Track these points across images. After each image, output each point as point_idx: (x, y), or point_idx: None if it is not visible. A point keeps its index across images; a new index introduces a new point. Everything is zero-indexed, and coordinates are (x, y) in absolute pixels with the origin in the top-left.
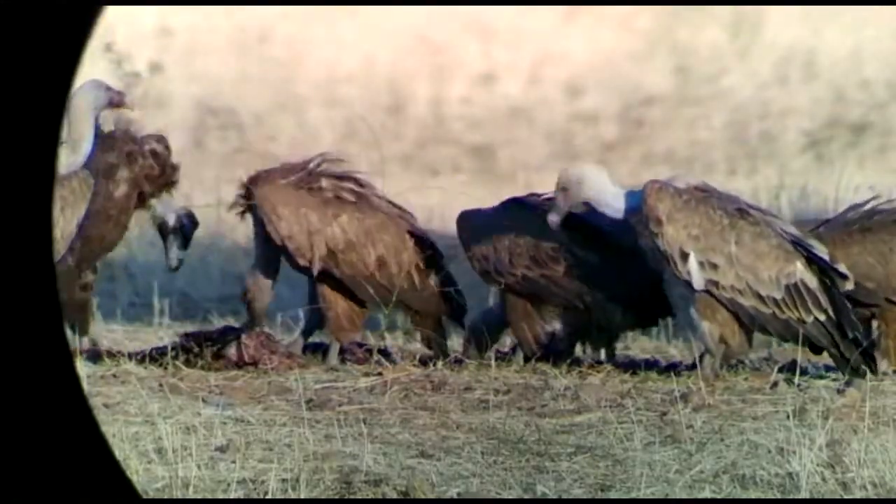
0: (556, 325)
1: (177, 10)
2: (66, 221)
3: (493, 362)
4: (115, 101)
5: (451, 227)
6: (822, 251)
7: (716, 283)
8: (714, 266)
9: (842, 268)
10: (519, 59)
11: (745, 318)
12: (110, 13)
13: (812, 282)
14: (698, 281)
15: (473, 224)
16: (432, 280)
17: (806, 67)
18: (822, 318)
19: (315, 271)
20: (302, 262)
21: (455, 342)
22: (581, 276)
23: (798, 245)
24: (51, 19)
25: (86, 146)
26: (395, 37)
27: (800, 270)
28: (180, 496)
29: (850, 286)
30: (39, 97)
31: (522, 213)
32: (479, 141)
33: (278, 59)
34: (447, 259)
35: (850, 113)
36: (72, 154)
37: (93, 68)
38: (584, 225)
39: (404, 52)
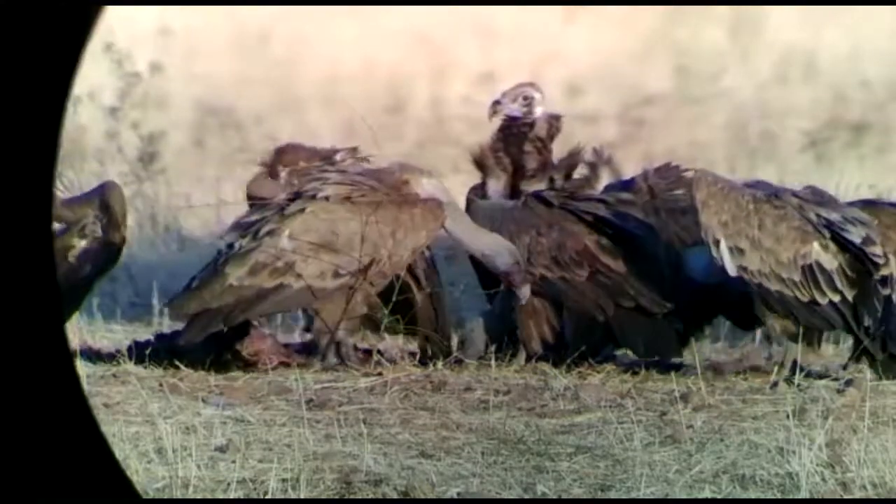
0: (566, 329)
1: (177, 10)
2: (396, 243)
3: (493, 362)
4: None
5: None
6: (856, 235)
7: (745, 269)
8: (741, 251)
9: (875, 251)
10: (519, 59)
11: (775, 305)
12: (110, 13)
13: (830, 263)
14: (730, 267)
15: (490, 217)
16: (417, 298)
17: (806, 67)
18: (837, 299)
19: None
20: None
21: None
22: (606, 286)
23: (829, 228)
24: (51, 19)
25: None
26: (395, 37)
27: (815, 251)
28: (180, 496)
29: (885, 272)
30: (39, 97)
31: (544, 209)
32: (479, 141)
33: (278, 59)
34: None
35: (850, 113)
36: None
37: (93, 68)
38: (614, 228)
39: (404, 52)
